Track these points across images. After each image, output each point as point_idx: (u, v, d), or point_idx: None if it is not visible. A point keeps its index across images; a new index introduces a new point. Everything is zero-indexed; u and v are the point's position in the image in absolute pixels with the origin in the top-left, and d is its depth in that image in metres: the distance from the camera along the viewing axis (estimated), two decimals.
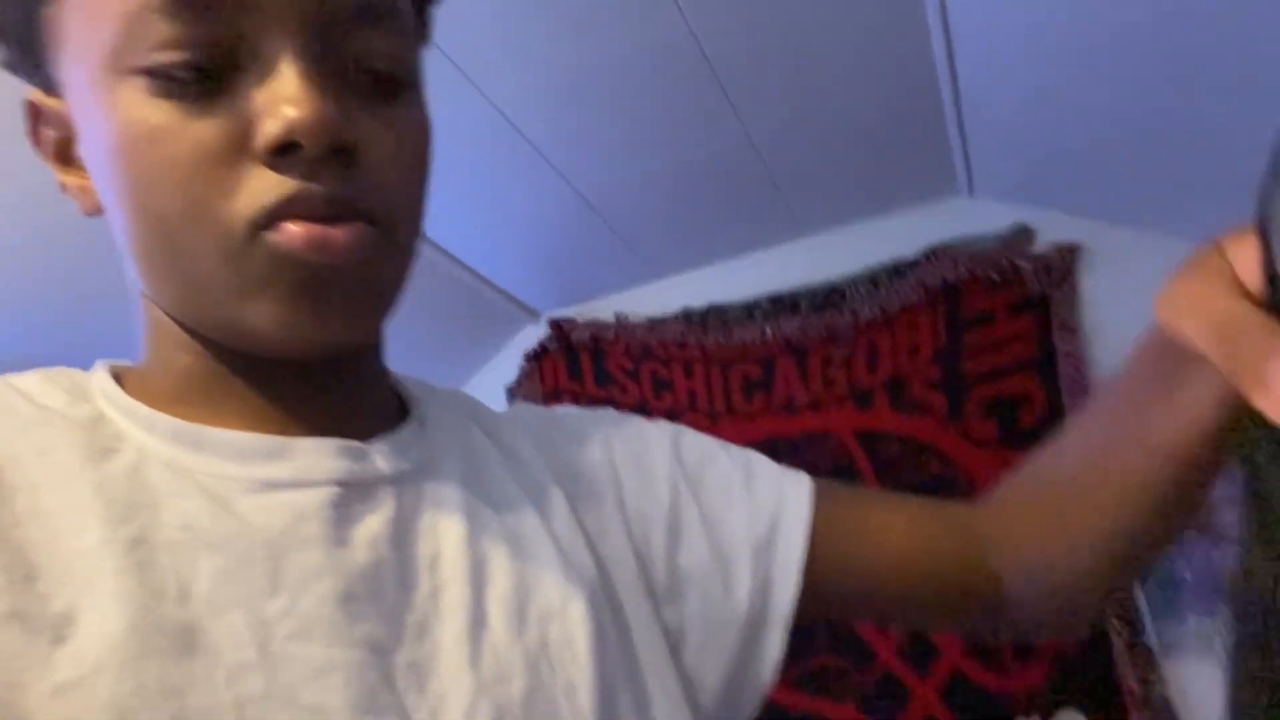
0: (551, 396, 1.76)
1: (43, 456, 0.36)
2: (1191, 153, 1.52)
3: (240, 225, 0.35)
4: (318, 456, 0.39)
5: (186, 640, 0.33)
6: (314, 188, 0.35)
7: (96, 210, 0.41)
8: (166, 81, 0.35)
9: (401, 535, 0.40)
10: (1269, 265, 0.31)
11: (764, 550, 0.50)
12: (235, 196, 0.35)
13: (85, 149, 0.39)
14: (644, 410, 1.72)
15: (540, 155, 1.46)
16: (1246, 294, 0.32)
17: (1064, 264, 1.55)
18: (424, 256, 1.67)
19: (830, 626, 1.49)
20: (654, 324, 1.76)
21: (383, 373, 0.47)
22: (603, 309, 1.84)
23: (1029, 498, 0.54)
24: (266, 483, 0.38)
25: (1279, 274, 0.30)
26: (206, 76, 0.35)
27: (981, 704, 1.40)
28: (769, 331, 1.68)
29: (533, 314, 1.88)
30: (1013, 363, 1.53)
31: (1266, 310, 0.31)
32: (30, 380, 0.39)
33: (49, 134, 0.41)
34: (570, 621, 0.41)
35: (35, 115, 0.41)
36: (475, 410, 0.51)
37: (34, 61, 0.40)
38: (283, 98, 0.35)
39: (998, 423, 1.52)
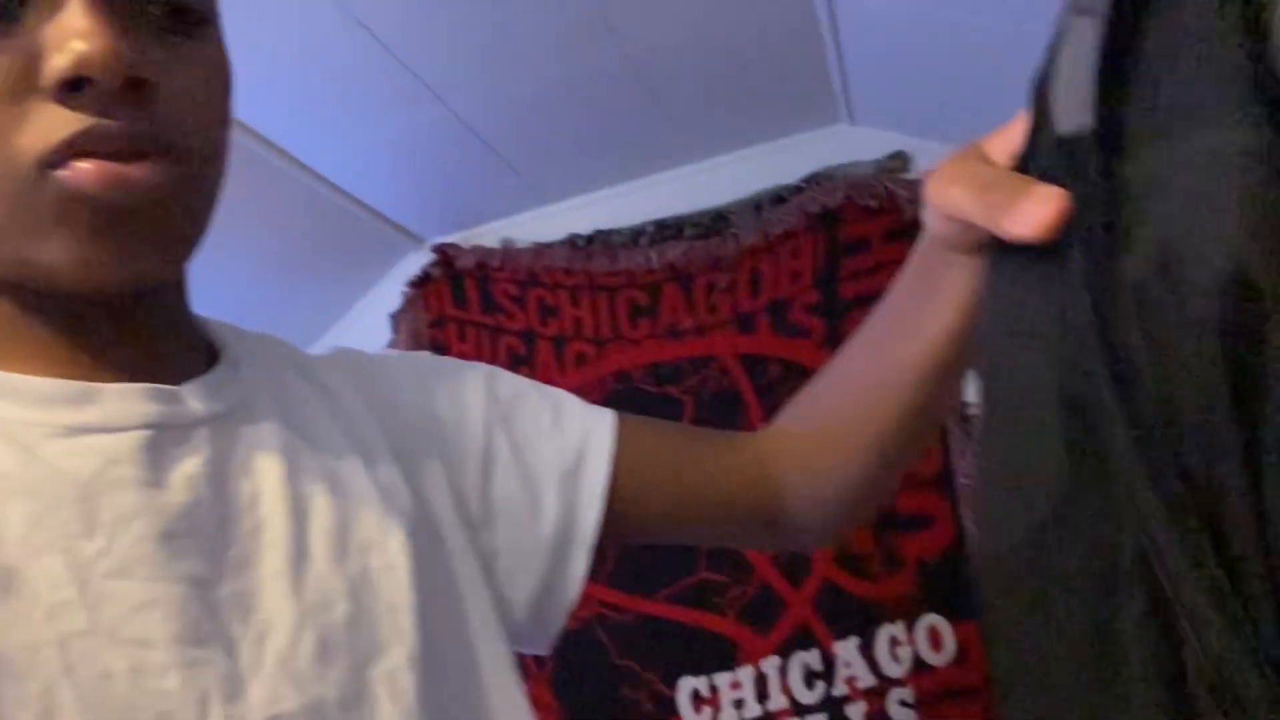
0: (436, 324, 1.73)
1: None
2: None
3: (28, 162, 0.35)
4: (127, 401, 0.39)
5: (2, 583, 0.33)
6: (108, 124, 0.35)
7: None
8: None
9: (219, 475, 0.40)
10: (1036, 121, 0.35)
11: (570, 479, 0.54)
12: (22, 133, 0.34)
13: None
14: (531, 337, 1.72)
15: (409, 71, 1.40)
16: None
17: None
18: (296, 181, 1.61)
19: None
20: (541, 250, 1.74)
21: (189, 316, 0.47)
22: (489, 235, 1.81)
23: (806, 416, 0.61)
24: (73, 428, 0.37)
25: (1047, 117, 0.34)
26: None
27: (851, 611, 1.47)
28: (654, 257, 1.68)
29: (417, 240, 1.84)
30: (887, 288, 1.58)
31: (1021, 170, 0.36)
32: None
33: None
34: (390, 551, 0.43)
35: None
36: (290, 354, 0.52)
37: None
38: (71, 31, 0.34)
39: None
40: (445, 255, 1.77)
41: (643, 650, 1.51)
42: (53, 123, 0.34)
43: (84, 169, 0.35)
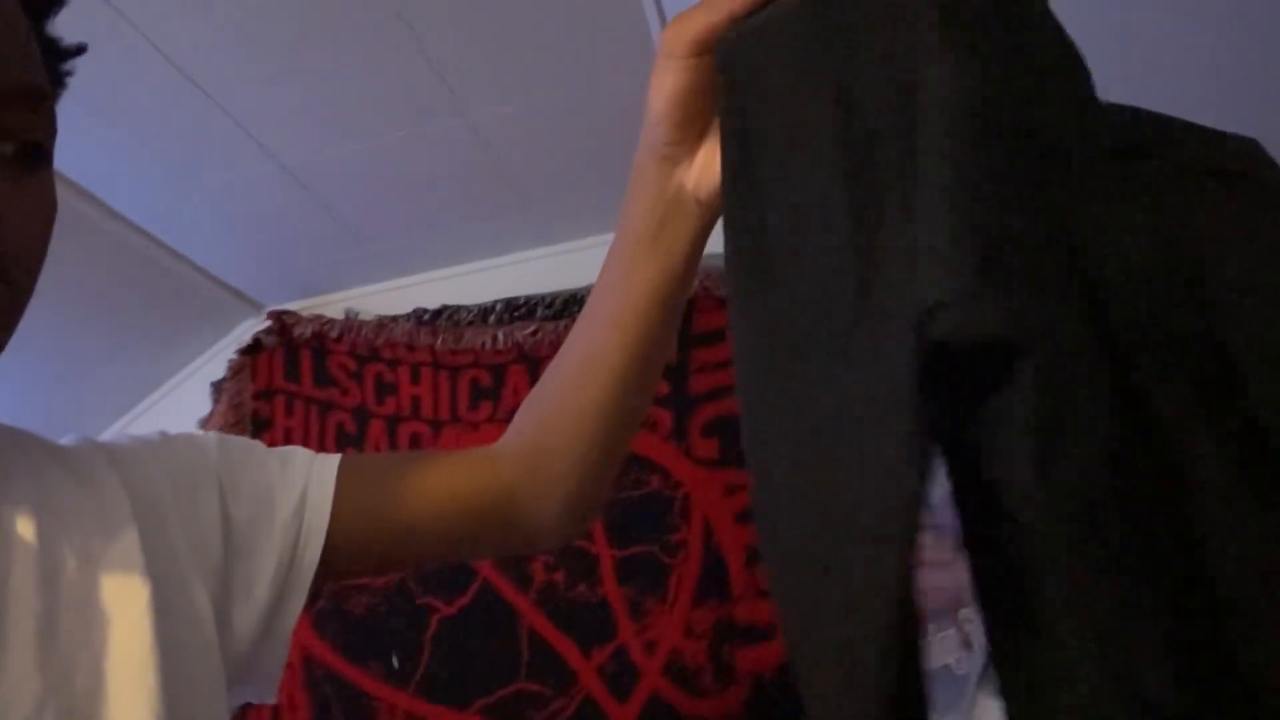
0: (262, 396, 1.61)
1: None
2: None
3: None
4: None
5: None
6: None
7: None
8: None
9: None
10: None
11: (294, 521, 0.58)
12: None
13: None
14: (364, 415, 1.60)
15: (238, 125, 1.33)
16: None
17: None
18: (116, 235, 1.50)
19: (532, 651, 1.41)
20: (384, 323, 1.65)
21: None
22: (334, 306, 1.72)
23: (529, 409, 0.64)
24: None
25: None
26: None
27: None
28: (502, 337, 1.60)
29: (255, 306, 1.73)
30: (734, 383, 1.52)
31: None
32: None
33: None
34: (132, 620, 0.46)
35: None
36: (40, 442, 0.54)
37: None
38: None
39: (718, 442, 1.50)
40: (281, 322, 1.66)
41: None
42: None
43: None
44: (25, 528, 0.45)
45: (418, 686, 1.40)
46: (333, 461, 0.60)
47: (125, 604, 0.46)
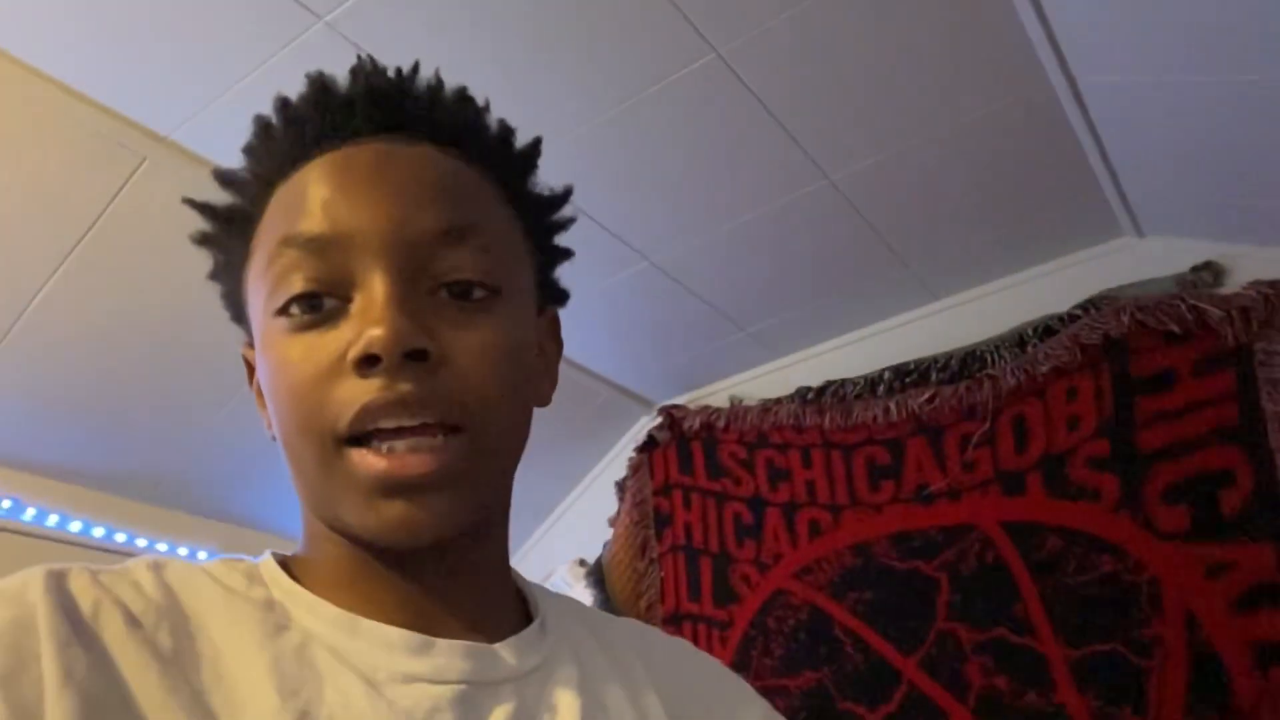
0: (661, 492, 1.63)
1: (229, 629, 0.43)
2: None
3: (330, 439, 0.42)
4: (452, 657, 0.45)
5: None
6: (391, 392, 0.41)
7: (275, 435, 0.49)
8: (297, 318, 0.43)
9: None
10: None
11: None
12: (329, 408, 0.42)
13: (261, 384, 0.48)
14: (760, 504, 1.55)
15: (610, 233, 1.38)
16: None
17: (1267, 306, 1.24)
18: None
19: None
20: (769, 407, 1.60)
21: (506, 572, 0.52)
22: (720, 395, 1.71)
23: None
24: (409, 675, 0.44)
25: None
26: (325, 309, 0.43)
27: None
28: (894, 407, 1.46)
29: (647, 404, 1.78)
30: (1206, 432, 1.22)
31: None
32: (214, 565, 0.47)
33: (257, 380, 0.50)
34: None
35: (248, 367, 0.51)
36: (586, 616, 0.57)
37: (244, 320, 0.50)
38: (369, 319, 0.42)
39: (1189, 508, 1.20)
40: (671, 417, 1.68)
41: None
42: (351, 394, 0.41)
43: (371, 462, 0.41)
44: (569, 707, 0.47)
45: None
46: None
47: None
